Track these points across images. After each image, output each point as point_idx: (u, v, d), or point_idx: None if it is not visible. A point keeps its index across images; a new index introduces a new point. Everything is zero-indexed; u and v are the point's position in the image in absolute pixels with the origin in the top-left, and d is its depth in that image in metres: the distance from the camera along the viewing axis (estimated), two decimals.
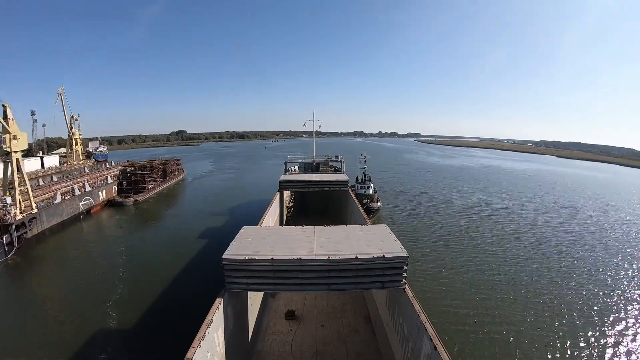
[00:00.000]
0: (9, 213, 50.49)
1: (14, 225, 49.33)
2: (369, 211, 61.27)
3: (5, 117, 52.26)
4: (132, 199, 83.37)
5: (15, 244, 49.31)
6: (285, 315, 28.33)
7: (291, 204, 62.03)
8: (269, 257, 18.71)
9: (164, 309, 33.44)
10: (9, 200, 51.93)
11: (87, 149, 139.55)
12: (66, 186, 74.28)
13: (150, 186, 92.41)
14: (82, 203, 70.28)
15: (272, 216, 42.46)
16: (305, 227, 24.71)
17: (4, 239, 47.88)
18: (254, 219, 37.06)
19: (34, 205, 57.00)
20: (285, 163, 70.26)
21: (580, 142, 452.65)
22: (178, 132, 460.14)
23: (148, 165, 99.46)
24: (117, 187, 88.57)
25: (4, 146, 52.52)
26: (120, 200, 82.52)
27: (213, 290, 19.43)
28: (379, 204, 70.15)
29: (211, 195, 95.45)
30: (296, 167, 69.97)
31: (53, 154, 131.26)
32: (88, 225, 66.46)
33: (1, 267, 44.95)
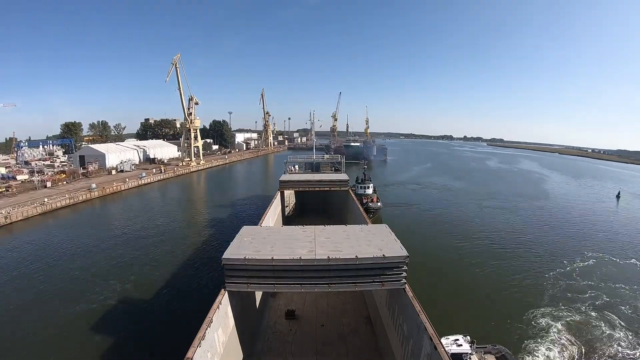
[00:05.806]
0: None
1: None
2: (369, 211, 61.32)
3: None
4: None
5: None
6: (285, 315, 28.29)
7: (291, 204, 62.09)
8: (269, 257, 18.75)
9: (163, 309, 33.40)
10: None
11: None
12: None
13: None
14: None
15: (272, 216, 42.45)
16: (305, 226, 24.73)
17: None
18: (254, 219, 37.05)
19: None
20: (285, 163, 70.42)
21: None
22: None
23: None
24: None
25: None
26: None
27: (213, 290, 19.49)
28: (379, 203, 70.20)
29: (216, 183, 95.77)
30: (296, 166, 70.29)
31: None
32: None
33: None
